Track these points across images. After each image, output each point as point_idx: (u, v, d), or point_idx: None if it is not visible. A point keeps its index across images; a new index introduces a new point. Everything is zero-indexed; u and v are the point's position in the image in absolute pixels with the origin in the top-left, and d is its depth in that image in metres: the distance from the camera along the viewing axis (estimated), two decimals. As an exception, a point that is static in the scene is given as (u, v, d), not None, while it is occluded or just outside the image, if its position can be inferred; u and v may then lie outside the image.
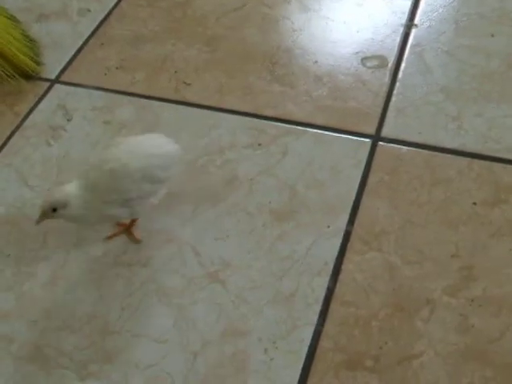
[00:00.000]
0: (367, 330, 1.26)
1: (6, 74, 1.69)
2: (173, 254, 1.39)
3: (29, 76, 1.73)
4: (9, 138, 1.63)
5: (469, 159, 1.50)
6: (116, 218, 1.34)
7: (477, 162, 1.49)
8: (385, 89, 1.64)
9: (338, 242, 1.38)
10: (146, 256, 1.39)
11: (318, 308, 1.29)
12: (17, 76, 1.71)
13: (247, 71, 1.71)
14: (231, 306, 1.30)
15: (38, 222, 1.28)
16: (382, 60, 1.70)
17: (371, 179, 1.48)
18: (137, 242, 1.41)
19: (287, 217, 1.42)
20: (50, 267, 1.39)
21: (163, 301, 1.32)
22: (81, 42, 1.83)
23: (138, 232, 1.43)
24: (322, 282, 1.32)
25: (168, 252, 1.39)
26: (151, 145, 1.34)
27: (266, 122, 1.60)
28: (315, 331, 1.26)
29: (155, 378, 1.23)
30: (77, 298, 1.34)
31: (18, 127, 1.65)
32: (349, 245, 1.37)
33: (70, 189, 1.25)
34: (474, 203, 1.42)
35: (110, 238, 1.42)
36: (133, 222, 1.41)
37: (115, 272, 1.37)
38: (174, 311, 1.31)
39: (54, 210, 1.25)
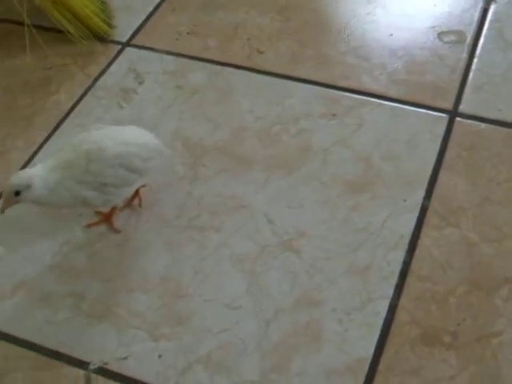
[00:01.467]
0: (444, 305, 1.23)
1: (80, 36, 1.68)
2: (246, 221, 1.36)
3: (101, 38, 1.72)
4: (80, 98, 1.62)
5: (551, 138, 1.45)
6: (88, 202, 1.25)
7: (562, 141, 1.44)
8: (462, 64, 1.60)
9: (414, 216, 1.34)
10: (219, 221, 1.37)
11: (393, 281, 1.26)
12: (90, 38, 1.69)
13: (321, 41, 1.68)
14: (305, 276, 1.28)
15: (3, 209, 1.22)
16: (460, 35, 1.65)
17: (448, 155, 1.44)
18: (116, 231, 1.38)
19: (362, 189, 1.39)
20: (121, 228, 1.37)
21: (236, 267, 1.30)
22: (152, 7, 1.82)
23: (117, 223, 1.40)
24: (398, 256, 1.29)
25: (241, 218, 1.37)
26: (131, 134, 1.31)
27: (340, 92, 1.57)
28: (391, 304, 1.24)
29: (228, 343, 1.21)
30: (149, 259, 1.33)
31: (89, 88, 1.64)
32: (425, 219, 1.34)
33: (34, 171, 1.20)
34: (556, 183, 1.38)
35: (89, 226, 1.40)
36: (112, 211, 1.38)
37: (188, 235, 1.35)
38: (247, 277, 1.29)
39: (18, 193, 1.18)
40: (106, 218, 1.37)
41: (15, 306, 1.29)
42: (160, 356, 1.20)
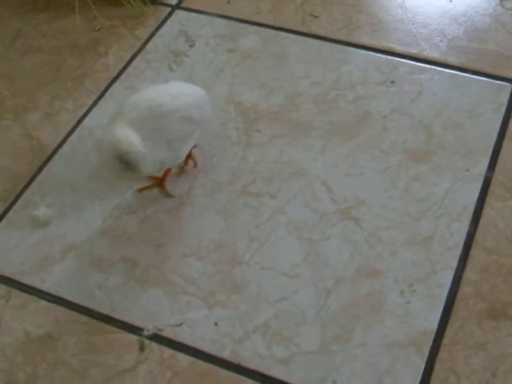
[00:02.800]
0: (510, 279, 1.18)
1: (129, -3, 1.63)
2: (303, 188, 1.32)
3: (151, 0, 1.66)
4: (130, 61, 1.58)
5: None
6: (165, 164, 1.25)
7: None
8: (525, 32, 1.53)
9: (477, 186, 1.29)
10: (275, 187, 1.32)
11: (457, 253, 1.21)
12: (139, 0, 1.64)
13: (377, 7, 1.62)
14: (365, 245, 1.23)
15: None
16: (523, 2, 1.59)
17: (512, 124, 1.38)
18: (170, 196, 1.34)
19: (423, 157, 1.34)
20: (174, 193, 1.33)
21: (293, 234, 1.26)
22: (202, -31, 1.75)
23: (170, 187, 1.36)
24: (462, 227, 1.24)
25: (298, 185, 1.33)
26: (179, 88, 1.28)
27: (398, 59, 1.51)
28: (455, 276, 1.19)
29: (286, 312, 1.17)
30: (203, 225, 1.29)
31: (139, 51, 1.60)
32: (490, 190, 1.29)
33: (137, 139, 1.15)
34: None
35: (141, 190, 1.35)
36: (166, 174, 1.34)
37: (243, 201, 1.31)
38: (304, 246, 1.24)
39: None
40: (160, 183, 1.33)
41: (66, 269, 1.26)
42: (216, 324, 1.17)
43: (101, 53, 1.59)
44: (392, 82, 1.46)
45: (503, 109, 1.40)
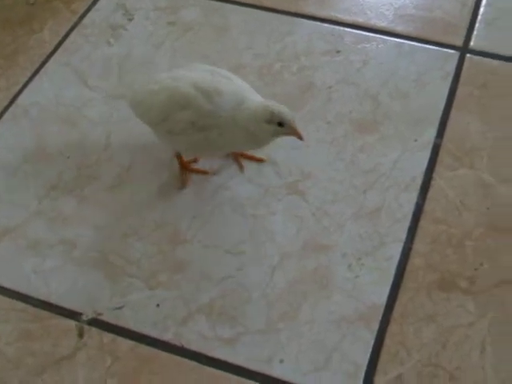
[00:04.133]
0: (460, 249, 1.15)
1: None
2: (247, 163, 1.27)
3: (86, -28, 1.59)
4: (66, 36, 1.51)
5: None
6: None
7: None
8: (472, -1, 1.50)
9: (426, 156, 1.26)
10: (217, 163, 1.27)
11: (406, 224, 1.18)
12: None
13: (322, -24, 1.57)
14: (312, 219, 1.19)
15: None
16: (469, -31, 1.55)
17: (460, 93, 1.35)
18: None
19: (370, 128, 1.30)
20: (114, 170, 1.27)
21: (238, 211, 1.21)
22: None
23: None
24: (410, 198, 1.21)
25: (242, 161, 1.27)
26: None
27: (344, 29, 1.47)
28: (404, 248, 1.15)
29: (231, 290, 1.13)
30: (144, 203, 1.23)
31: (75, 25, 1.53)
32: (438, 160, 1.25)
33: None
34: None
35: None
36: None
37: (185, 178, 1.25)
38: (249, 222, 1.20)
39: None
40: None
41: (0, 254, 1.19)
42: (158, 305, 1.12)
43: (35, 28, 1.52)
44: (338, 51, 1.42)
45: (450, 77, 1.37)
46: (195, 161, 1.25)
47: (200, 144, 1.13)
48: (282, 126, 1.08)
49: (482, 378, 1.03)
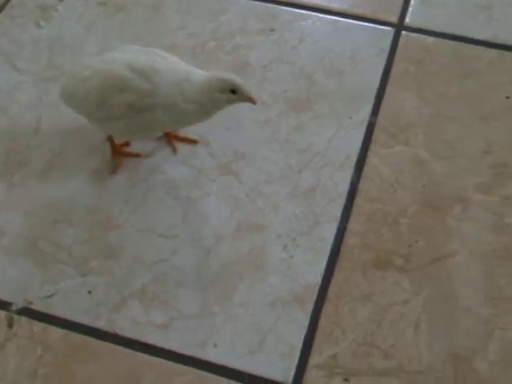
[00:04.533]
0: (395, 227, 1.14)
1: None
2: (180, 145, 1.24)
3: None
4: (-7, 18, 1.45)
5: (500, 51, 1.37)
6: None
7: (509, 54, 1.36)
8: (407, -25, 1.48)
9: (361, 134, 1.25)
10: (151, 146, 1.24)
11: (341, 203, 1.17)
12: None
13: (256, -47, 1.54)
14: (246, 200, 1.17)
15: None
16: None
17: (395, 69, 1.34)
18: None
19: (305, 107, 1.29)
20: (44, 155, 1.24)
21: (171, 193, 1.18)
22: None
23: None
24: (345, 176, 1.19)
25: (176, 144, 1.24)
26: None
27: (279, 7, 1.45)
28: (339, 228, 1.14)
29: (164, 274, 1.10)
30: (75, 188, 1.20)
31: (2, 7, 1.48)
32: (373, 137, 1.24)
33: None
34: (507, 97, 1.30)
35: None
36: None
37: (117, 162, 1.22)
38: (183, 204, 1.17)
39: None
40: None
41: None
42: (90, 292, 1.09)
43: (-41, 10, 1.47)
44: (272, 30, 1.40)
45: (386, 54, 1.36)
46: (127, 144, 1.23)
47: (140, 126, 1.10)
48: (235, 93, 1.07)
49: (416, 355, 1.02)
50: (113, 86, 1.08)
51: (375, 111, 1.27)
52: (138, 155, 1.21)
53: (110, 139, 1.20)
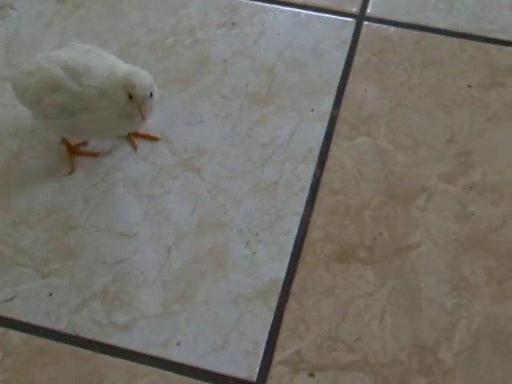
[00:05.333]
0: (359, 219, 1.12)
1: None
2: (140, 141, 1.22)
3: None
4: None
5: (461, 40, 1.35)
6: None
7: (470, 43, 1.35)
8: (368, -34, 1.47)
9: (323, 126, 1.23)
10: (110, 144, 1.21)
11: (304, 197, 1.15)
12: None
13: None
14: (208, 196, 1.15)
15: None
16: None
17: (357, 60, 1.32)
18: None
19: (266, 100, 1.27)
20: (1, 156, 1.21)
21: (131, 191, 1.16)
22: None
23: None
24: (308, 170, 1.18)
25: (136, 140, 1.22)
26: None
27: (239, 0, 1.42)
28: (302, 222, 1.12)
29: (125, 274, 1.08)
30: (33, 189, 1.17)
31: (-43, 6, 1.44)
32: (335, 130, 1.23)
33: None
34: (469, 86, 1.28)
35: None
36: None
37: (75, 160, 1.20)
38: (144, 202, 1.15)
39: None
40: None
41: None
42: (50, 294, 1.06)
43: None
44: (233, 24, 1.38)
45: (347, 45, 1.34)
46: (84, 144, 1.20)
47: (74, 129, 1.08)
48: (131, 98, 1.03)
49: (381, 347, 1.01)
50: (47, 86, 1.07)
51: (337, 103, 1.25)
52: (94, 154, 1.18)
53: (64, 139, 1.17)
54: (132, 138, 1.20)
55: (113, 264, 1.09)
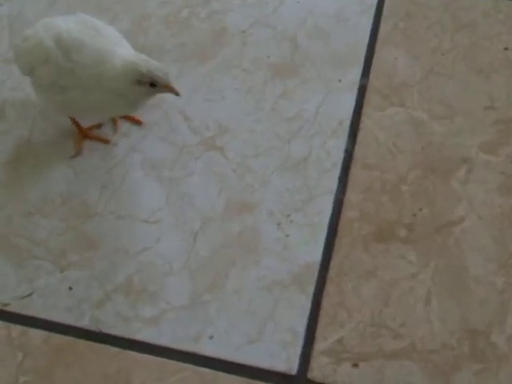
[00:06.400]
0: (396, 195, 1.04)
1: None
2: (158, 121, 1.13)
3: None
4: None
5: (494, 0, 1.24)
6: None
7: (504, 3, 1.25)
8: None
9: (352, 97, 1.14)
10: (126, 125, 1.12)
11: (336, 174, 1.06)
12: None
13: None
14: (233, 177, 1.07)
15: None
16: None
17: (384, 27, 1.23)
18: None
19: (290, 72, 1.17)
20: (12, 143, 1.12)
21: (151, 174, 1.07)
22: None
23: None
24: (339, 144, 1.08)
25: (152, 118, 1.13)
26: None
27: (255, -34, 1.32)
28: (336, 200, 1.03)
29: (149, 264, 1.00)
30: (46, 176, 1.09)
31: (-42, -14, 1.34)
32: (365, 100, 1.13)
33: None
34: (506, 48, 1.19)
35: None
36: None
37: (90, 145, 1.11)
38: (165, 186, 1.06)
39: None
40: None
41: None
42: (70, 288, 0.98)
43: None
44: (250, -8, 1.27)
45: (372, 10, 1.24)
46: (98, 126, 1.10)
47: (64, 105, 1.01)
48: (154, 86, 0.95)
49: (429, 331, 0.93)
50: (38, 56, 1.00)
51: (365, 73, 1.16)
52: (105, 141, 1.09)
53: (73, 119, 1.08)
54: (116, 118, 1.10)
55: (135, 253, 1.00)
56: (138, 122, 1.11)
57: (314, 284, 0.97)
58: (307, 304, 0.95)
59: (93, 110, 1.02)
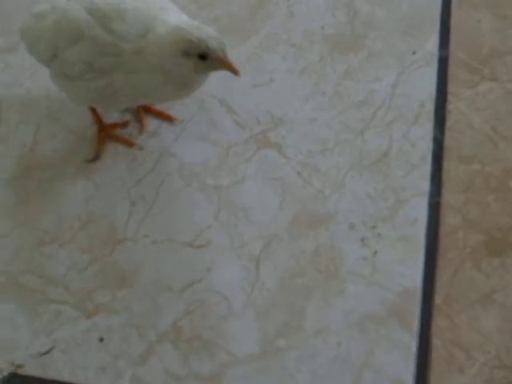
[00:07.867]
0: (505, 193, 0.82)
1: None
2: (194, 115, 0.90)
3: None
4: None
5: None
6: None
7: None
8: None
9: (432, 72, 0.91)
10: (156, 122, 0.88)
11: (427, 170, 0.84)
12: None
13: None
14: (297, 181, 0.85)
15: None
16: None
17: (458, -18, 0.98)
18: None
19: (351, 45, 0.94)
20: (13, 152, 0.89)
21: (192, 184, 0.86)
22: None
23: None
24: (425, 132, 0.86)
25: (186, 112, 0.90)
26: None
27: None
28: (431, 204, 0.81)
29: (202, 303, 0.78)
30: (60, 194, 0.85)
31: None
32: (450, 76, 0.89)
33: None
34: None
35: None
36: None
37: (113, 148, 0.88)
38: (211, 197, 0.85)
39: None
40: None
41: None
42: (101, 340, 0.75)
43: None
44: (292, -47, 1.03)
45: (443, -36, 0.99)
46: (124, 124, 0.86)
47: (104, 94, 0.76)
48: (205, 58, 0.71)
49: None
50: (66, 34, 0.76)
51: (444, 41, 0.93)
52: (130, 144, 0.85)
53: (95, 114, 0.84)
54: (142, 114, 0.85)
55: (182, 289, 0.77)
56: (168, 118, 0.86)
57: (417, 316, 0.74)
58: (412, 343, 0.72)
59: (134, 97, 0.78)
